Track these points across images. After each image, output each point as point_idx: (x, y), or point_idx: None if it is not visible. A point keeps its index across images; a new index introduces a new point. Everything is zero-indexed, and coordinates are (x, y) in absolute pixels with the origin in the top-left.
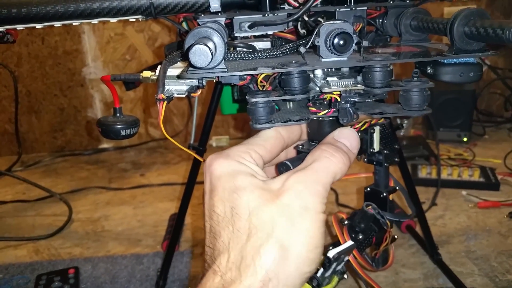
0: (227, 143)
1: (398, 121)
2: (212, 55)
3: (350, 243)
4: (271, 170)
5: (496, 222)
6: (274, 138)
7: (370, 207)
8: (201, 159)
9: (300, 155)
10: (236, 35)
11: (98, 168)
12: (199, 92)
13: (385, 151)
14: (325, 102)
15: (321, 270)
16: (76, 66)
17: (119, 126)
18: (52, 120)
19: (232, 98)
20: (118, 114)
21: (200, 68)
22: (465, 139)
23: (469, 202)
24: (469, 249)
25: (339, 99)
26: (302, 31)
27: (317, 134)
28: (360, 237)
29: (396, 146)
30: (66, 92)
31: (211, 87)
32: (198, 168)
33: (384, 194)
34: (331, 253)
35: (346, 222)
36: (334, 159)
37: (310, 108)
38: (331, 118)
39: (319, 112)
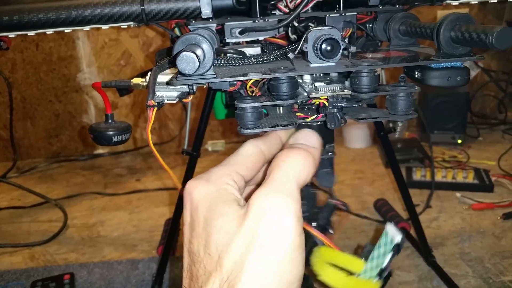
0: (223, 147)
1: (390, 124)
2: (199, 62)
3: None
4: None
5: (490, 223)
6: (255, 155)
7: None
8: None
9: None
10: (227, 40)
11: (93, 174)
12: (190, 98)
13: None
14: (314, 107)
15: None
16: (71, 72)
17: (111, 133)
18: (47, 126)
19: (223, 103)
20: (110, 121)
21: (189, 75)
22: (459, 141)
23: (463, 204)
24: (463, 251)
25: (327, 104)
26: (293, 37)
27: None
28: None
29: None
30: (61, 98)
31: (204, 92)
32: (192, 174)
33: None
34: None
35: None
36: (290, 159)
37: (297, 114)
38: (319, 123)
39: (307, 118)
